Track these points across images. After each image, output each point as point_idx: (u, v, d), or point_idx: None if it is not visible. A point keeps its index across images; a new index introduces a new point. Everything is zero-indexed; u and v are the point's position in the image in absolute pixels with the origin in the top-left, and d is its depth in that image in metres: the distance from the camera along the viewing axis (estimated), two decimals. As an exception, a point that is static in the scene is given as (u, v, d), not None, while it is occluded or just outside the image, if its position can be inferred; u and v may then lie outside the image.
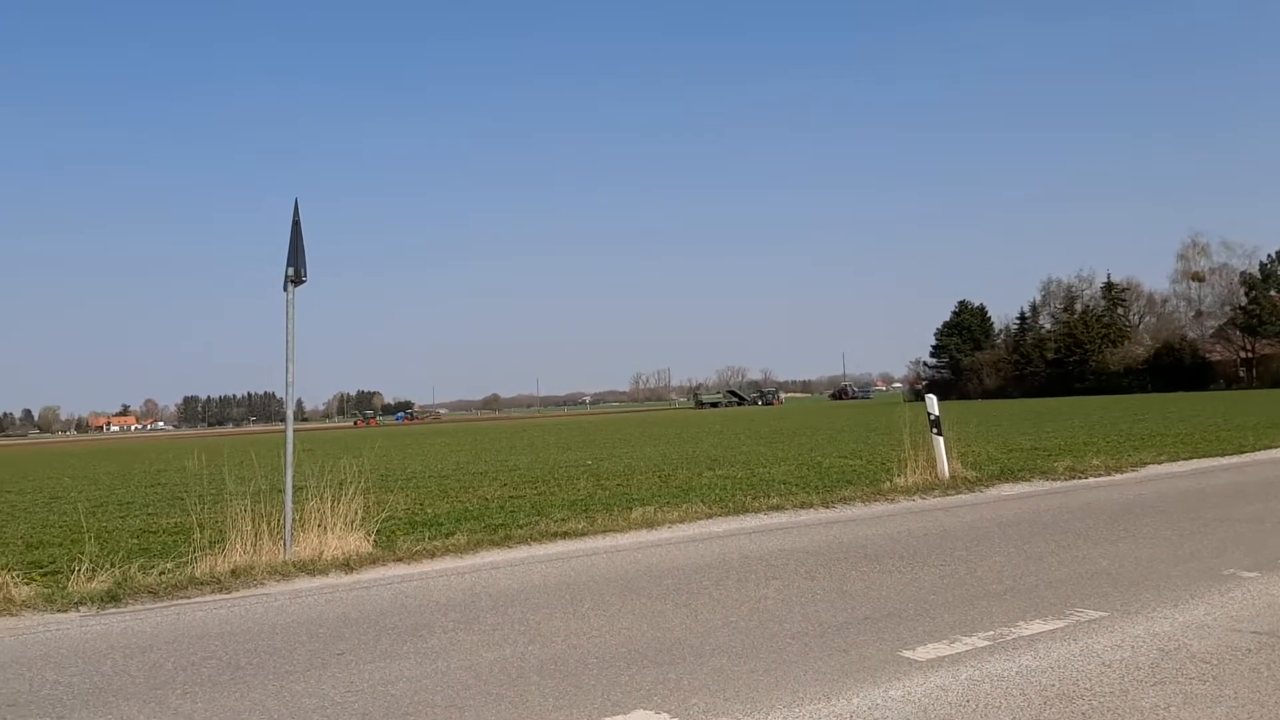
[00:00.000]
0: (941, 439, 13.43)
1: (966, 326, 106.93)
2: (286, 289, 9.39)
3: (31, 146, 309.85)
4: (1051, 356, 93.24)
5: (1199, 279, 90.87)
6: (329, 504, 9.42)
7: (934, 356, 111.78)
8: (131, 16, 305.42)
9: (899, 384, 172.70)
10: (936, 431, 13.44)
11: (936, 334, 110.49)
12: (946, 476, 13.15)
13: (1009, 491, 12.59)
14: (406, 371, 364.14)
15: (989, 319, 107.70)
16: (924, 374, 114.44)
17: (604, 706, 4.57)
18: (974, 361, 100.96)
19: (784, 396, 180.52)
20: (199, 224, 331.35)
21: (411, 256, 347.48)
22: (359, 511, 9.63)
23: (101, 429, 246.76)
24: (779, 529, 10.15)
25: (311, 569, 8.53)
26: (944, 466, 13.29)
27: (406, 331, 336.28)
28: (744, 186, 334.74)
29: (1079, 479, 13.64)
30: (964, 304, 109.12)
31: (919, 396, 42.32)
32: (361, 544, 9.31)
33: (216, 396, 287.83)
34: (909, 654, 5.21)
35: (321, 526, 9.32)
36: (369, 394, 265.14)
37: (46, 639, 6.55)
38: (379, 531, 9.84)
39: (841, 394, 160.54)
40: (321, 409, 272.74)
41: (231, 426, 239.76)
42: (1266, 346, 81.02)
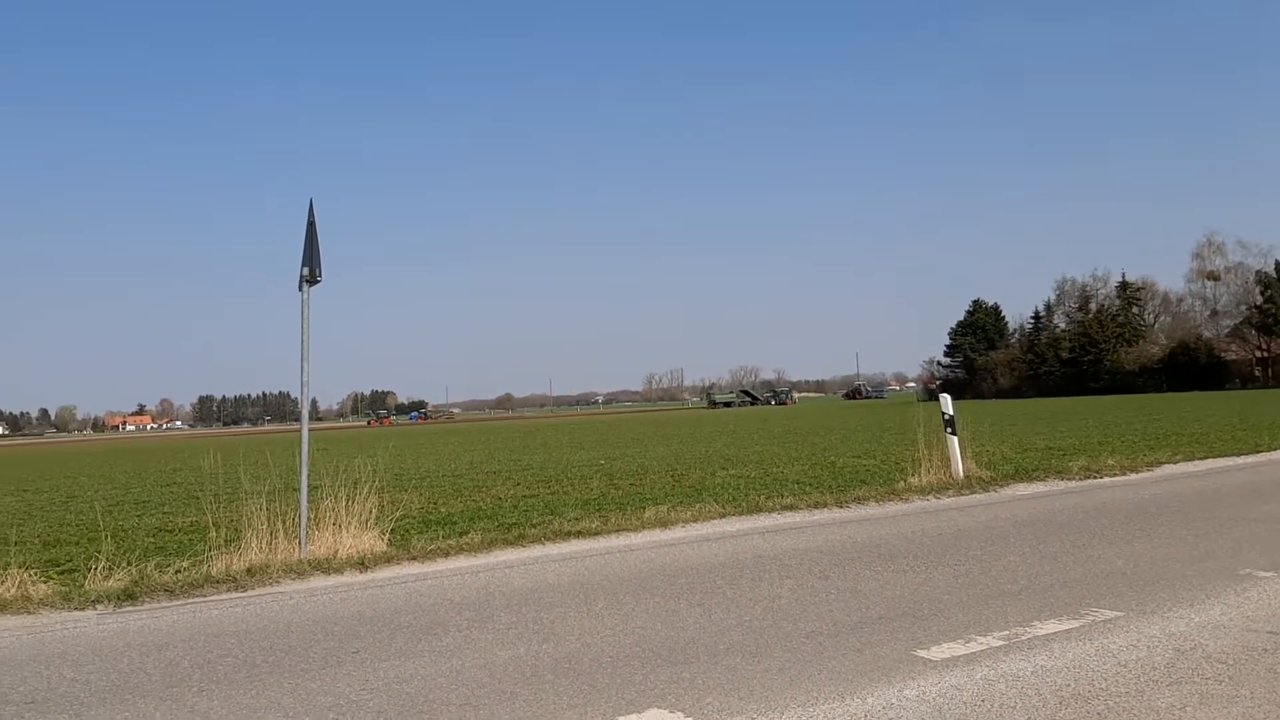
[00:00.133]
0: (956, 439, 13.39)
1: (981, 326, 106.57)
2: (301, 289, 9.42)
3: (42, 147, 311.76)
4: (1066, 356, 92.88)
5: (1214, 278, 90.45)
6: (344, 503, 9.45)
7: (948, 356, 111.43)
8: (131, 16, 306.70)
9: (913, 384, 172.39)
10: (951, 431, 13.41)
11: (950, 333, 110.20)
12: (961, 476, 13.12)
13: (1024, 491, 12.56)
14: (420, 371, 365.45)
15: (1003, 318, 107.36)
16: (938, 373, 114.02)
17: (618, 705, 4.58)
18: (988, 361, 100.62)
19: (797, 396, 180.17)
20: (211, 224, 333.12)
21: (425, 257, 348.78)
22: (373, 510, 9.65)
23: (117, 428, 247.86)
24: (793, 528, 10.14)
25: (326, 568, 8.56)
26: (958, 466, 13.26)
27: (420, 331, 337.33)
28: (756, 186, 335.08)
29: (1094, 479, 13.59)
30: (978, 303, 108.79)
31: (933, 396, 42.16)
32: (376, 543, 9.34)
33: (231, 396, 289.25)
34: (923, 653, 5.20)
35: (336, 525, 9.35)
36: (383, 394, 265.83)
37: (64, 637, 6.59)
38: (393, 530, 9.87)
39: (855, 394, 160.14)
40: (336, 408, 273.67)
41: (247, 426, 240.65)
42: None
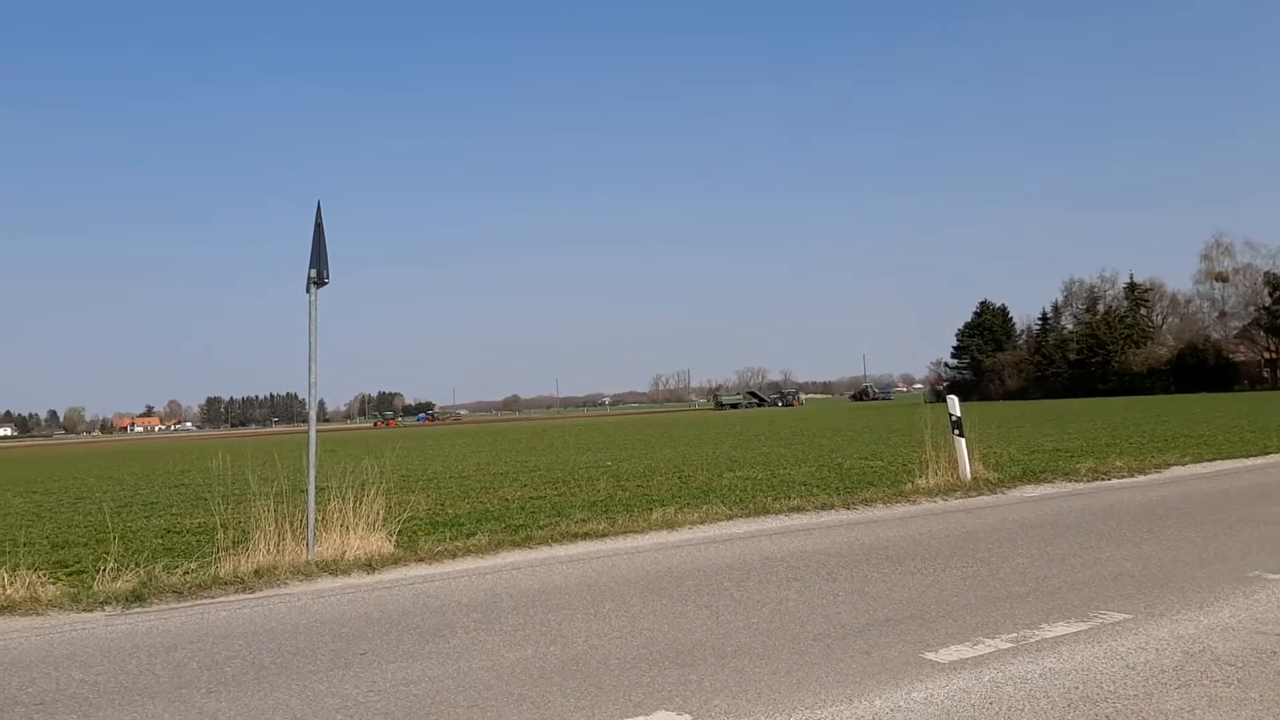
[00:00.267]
0: (963, 440, 13.37)
1: (988, 327, 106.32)
2: (309, 291, 9.43)
3: (45, 147, 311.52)
4: (1074, 357, 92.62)
5: (1223, 279, 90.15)
6: (351, 504, 9.46)
7: (955, 357, 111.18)
8: (132, 16, 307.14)
9: (920, 385, 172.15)
10: (958, 433, 13.39)
11: (958, 335, 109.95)
12: (968, 478, 13.10)
13: (1031, 493, 12.53)
14: (427, 373, 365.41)
15: (1010, 320, 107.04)
16: (945, 375, 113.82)
17: (625, 707, 4.58)
18: (995, 362, 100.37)
19: (804, 397, 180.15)
20: (218, 225, 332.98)
21: (431, 258, 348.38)
22: (381, 512, 9.67)
23: (125, 430, 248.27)
24: (800, 530, 10.13)
25: (334, 569, 8.58)
26: (966, 468, 13.24)
27: (427, 333, 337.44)
28: (762, 187, 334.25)
29: (1102, 480, 13.56)
30: (985, 304, 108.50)
31: (940, 397, 42.11)
32: (383, 544, 9.35)
33: (239, 397, 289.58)
34: (931, 656, 5.19)
35: (344, 527, 9.36)
36: (390, 395, 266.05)
37: (72, 638, 6.60)
38: (400, 532, 9.89)
39: (862, 395, 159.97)
40: (343, 410, 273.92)
41: (254, 427, 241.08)
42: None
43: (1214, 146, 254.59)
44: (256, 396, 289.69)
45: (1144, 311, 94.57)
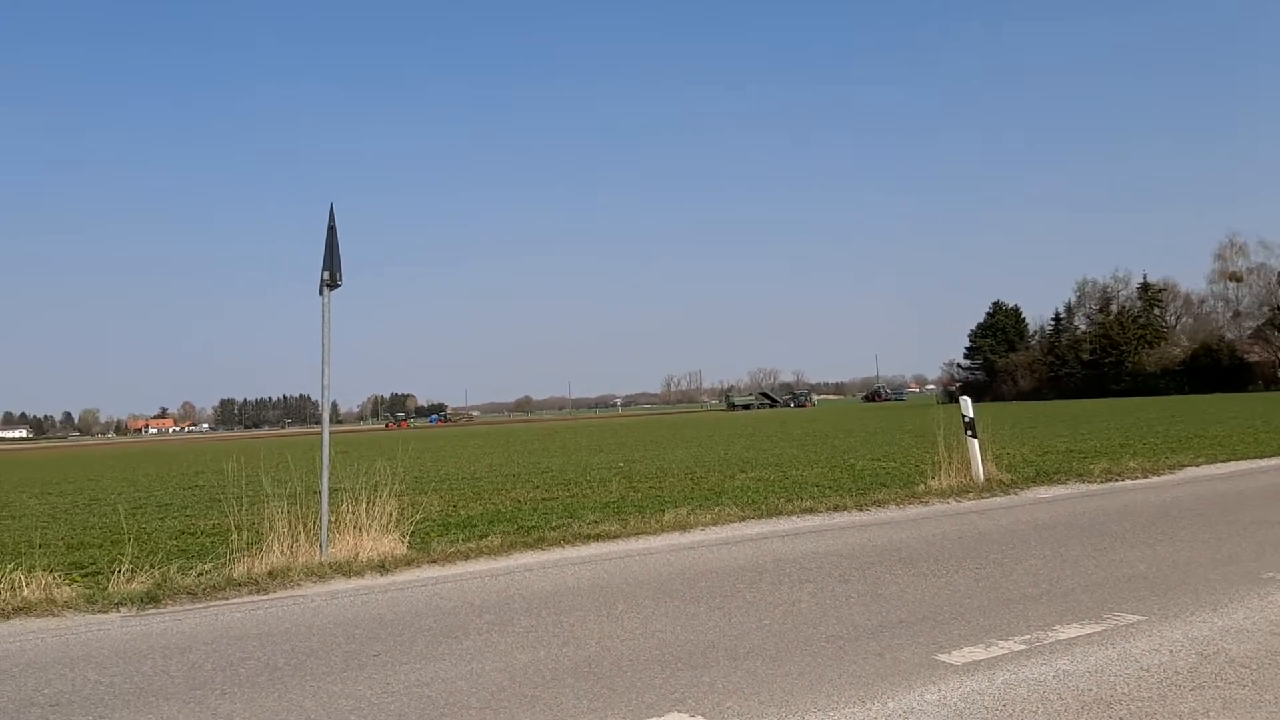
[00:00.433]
0: (976, 441, 13.34)
1: (1001, 328, 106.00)
2: (322, 293, 9.47)
3: (53, 148, 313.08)
4: (1087, 358, 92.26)
5: (1236, 279, 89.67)
6: (364, 506, 9.49)
7: (968, 358, 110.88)
8: (132, 18, 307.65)
9: (932, 386, 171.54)
10: (971, 434, 13.36)
11: (970, 335, 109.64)
12: (981, 479, 13.07)
13: (1045, 494, 12.50)
14: (439, 374, 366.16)
15: (1023, 320, 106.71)
16: (958, 376, 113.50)
17: (638, 709, 4.59)
18: (1008, 363, 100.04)
19: (816, 398, 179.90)
20: (228, 227, 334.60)
21: (443, 259, 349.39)
22: (393, 513, 9.69)
23: (140, 431, 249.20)
24: (812, 532, 10.12)
25: (347, 570, 8.60)
26: (978, 469, 13.21)
27: (440, 334, 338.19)
28: (773, 188, 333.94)
29: (1116, 481, 13.51)
30: (998, 305, 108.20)
31: (953, 398, 41.94)
32: (396, 546, 9.37)
33: (253, 399, 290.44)
34: (944, 658, 5.19)
35: (357, 528, 9.39)
36: (402, 396, 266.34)
37: (88, 639, 6.64)
38: (413, 533, 9.90)
39: (874, 396, 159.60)
40: (356, 411, 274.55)
41: (268, 428, 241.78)
42: (1306, 347, 79.88)
43: (1228, 146, 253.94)
44: (270, 398, 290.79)
45: (1157, 312, 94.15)
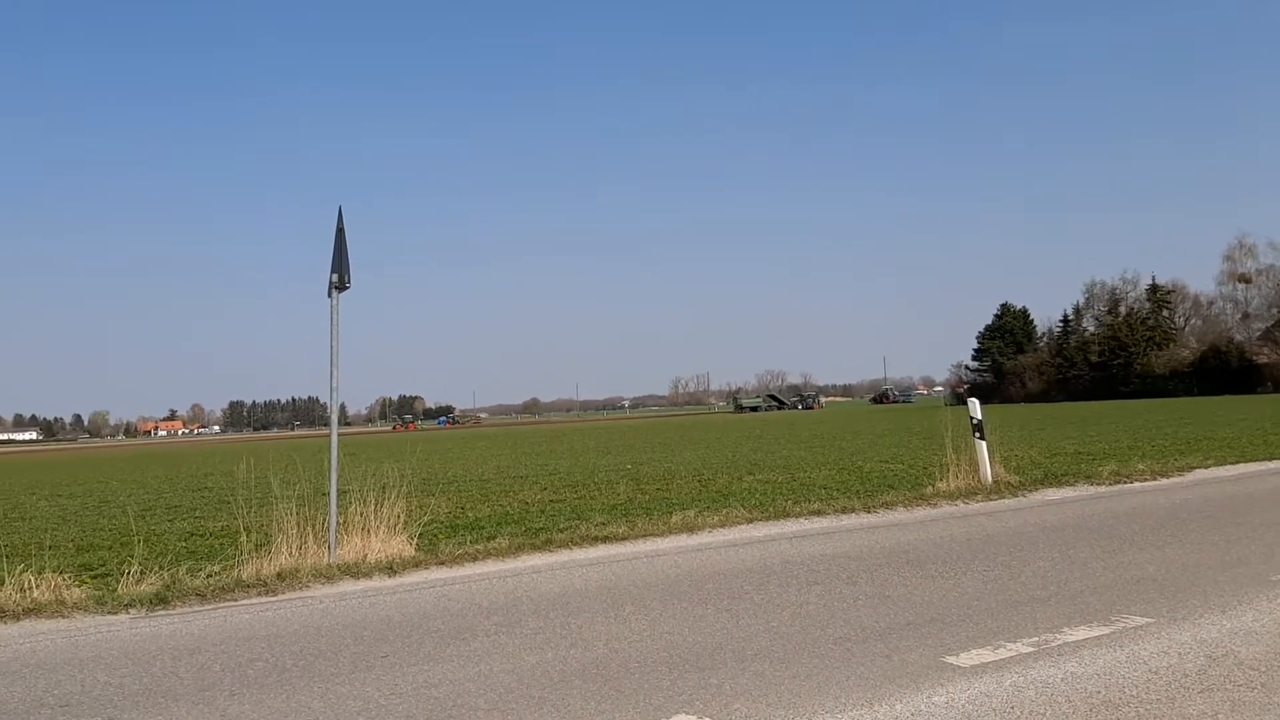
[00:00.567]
0: (984, 443, 13.32)
1: (1009, 329, 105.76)
2: (331, 295, 9.48)
3: (61, 150, 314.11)
4: (1095, 359, 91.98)
5: (1246, 280, 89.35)
6: (372, 507, 9.50)
7: (976, 360, 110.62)
8: (134, 19, 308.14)
9: (940, 388, 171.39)
10: (979, 435, 13.34)
11: (978, 337, 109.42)
12: (989, 481, 13.05)
13: (1053, 496, 12.48)
14: (447, 376, 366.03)
15: (1031, 322, 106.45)
16: (966, 377, 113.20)
17: (646, 711, 4.59)
18: (1016, 365, 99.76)
19: (824, 400, 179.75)
20: (239, 228, 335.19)
21: (452, 261, 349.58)
22: (401, 515, 9.71)
23: (149, 433, 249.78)
24: (820, 534, 10.12)
25: (355, 572, 8.62)
26: (987, 471, 13.19)
27: (448, 336, 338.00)
28: (781, 189, 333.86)
29: (1124, 483, 13.48)
30: (1006, 307, 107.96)
31: (961, 400, 41.91)
32: (404, 547, 9.38)
33: (261, 401, 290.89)
34: (952, 660, 5.18)
35: (365, 530, 9.41)
36: (410, 398, 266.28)
37: (97, 640, 6.66)
38: (421, 535, 9.91)
39: (882, 398, 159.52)
40: (364, 413, 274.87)
41: (276, 430, 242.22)
42: (1316, 349, 79.57)
43: (1236, 147, 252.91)
44: (278, 400, 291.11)
45: (1166, 313, 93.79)
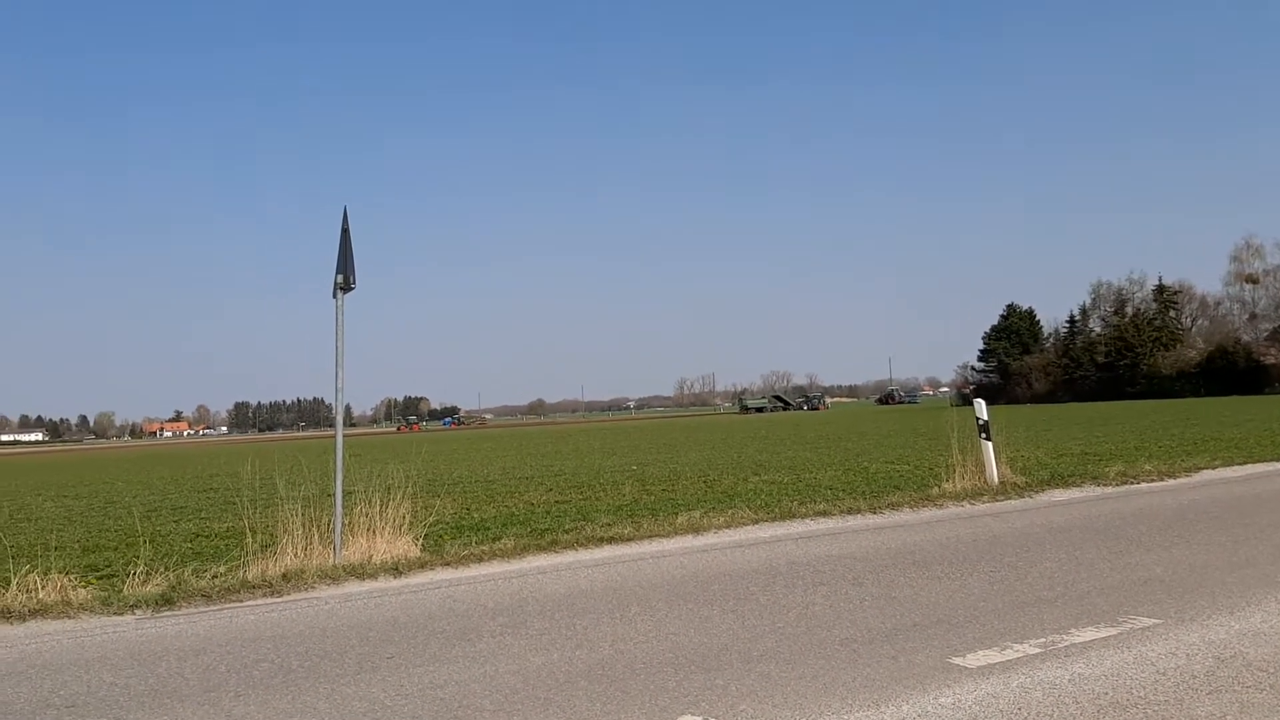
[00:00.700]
0: (990, 444, 13.30)
1: (1015, 330, 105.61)
2: (336, 296, 9.49)
3: (68, 151, 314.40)
4: (1102, 360, 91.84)
5: (1253, 281, 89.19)
6: (377, 508, 9.50)
7: (982, 360, 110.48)
8: (133, 19, 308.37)
9: (946, 388, 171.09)
10: (985, 436, 13.31)
11: (984, 338, 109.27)
12: (995, 482, 13.02)
13: (1059, 497, 12.45)
14: (452, 377, 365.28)
15: (1038, 322, 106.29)
16: (971, 378, 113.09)
17: (652, 712, 4.58)
18: (1022, 365, 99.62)
19: (830, 401, 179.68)
20: (245, 229, 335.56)
21: (457, 261, 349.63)
22: (407, 516, 9.71)
23: (155, 434, 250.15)
24: (826, 535, 10.10)
25: (361, 573, 8.61)
26: (993, 472, 13.16)
27: (453, 337, 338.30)
28: (790, 192, 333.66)
29: (1131, 484, 13.45)
30: (1012, 307, 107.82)
31: (966, 401, 41.78)
32: (410, 548, 9.38)
33: (267, 402, 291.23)
34: (959, 661, 5.17)
35: (370, 531, 9.41)
36: (415, 399, 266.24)
37: (103, 641, 6.67)
38: (426, 536, 9.92)
39: (888, 399, 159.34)
40: (369, 414, 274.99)
41: (282, 431, 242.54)
42: (1323, 349, 79.36)
43: (1248, 147, 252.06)
44: (284, 401, 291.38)
45: (1173, 314, 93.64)
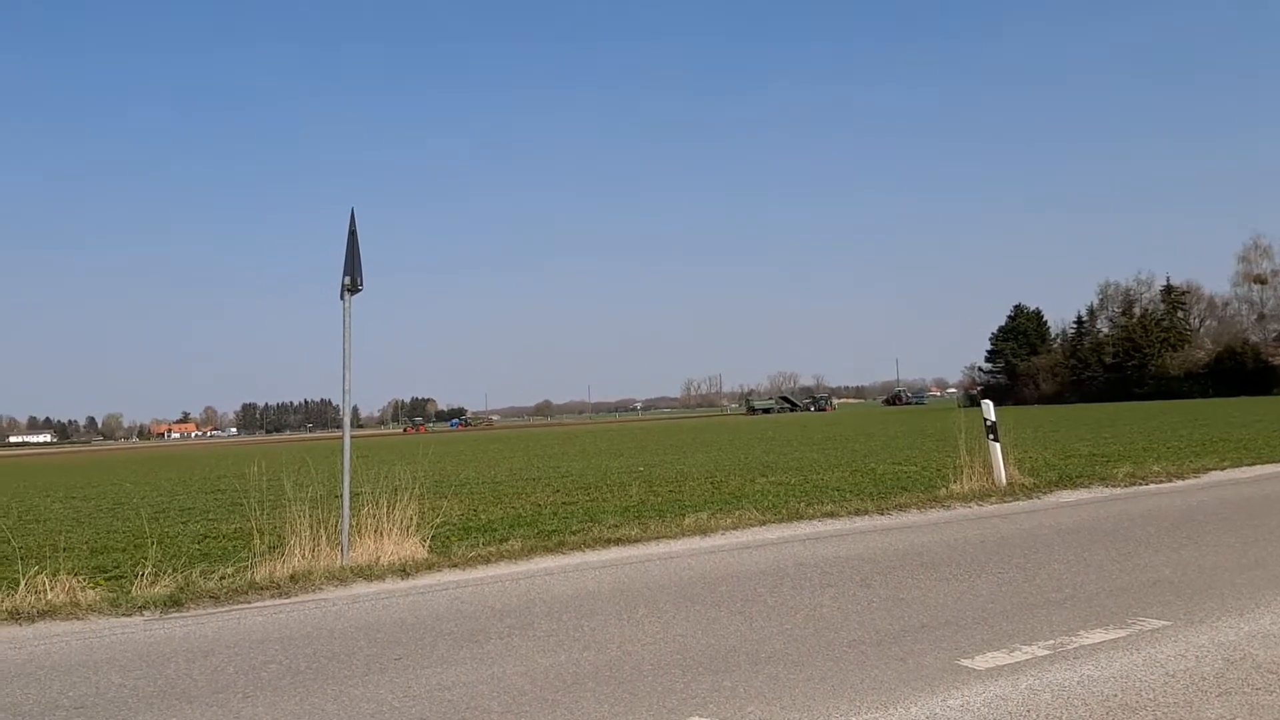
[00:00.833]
0: (998, 445, 13.27)
1: (1022, 331, 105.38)
2: (343, 298, 9.50)
3: (73, 152, 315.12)
4: (1109, 361, 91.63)
5: (1261, 281, 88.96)
6: (384, 510, 9.51)
7: (989, 361, 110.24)
8: (133, 19, 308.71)
9: (953, 389, 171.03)
10: (993, 437, 13.29)
11: (992, 339, 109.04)
12: (1003, 483, 12.99)
13: (1068, 498, 12.42)
14: (460, 378, 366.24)
15: (1045, 323, 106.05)
16: (979, 379, 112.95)
17: (659, 714, 4.57)
18: (1030, 366, 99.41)
19: (837, 402, 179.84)
20: (251, 231, 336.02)
21: (464, 263, 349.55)
22: (414, 517, 9.71)
23: (163, 436, 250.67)
24: (834, 536, 10.09)
25: (368, 574, 8.62)
26: (1001, 473, 13.13)
27: (460, 338, 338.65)
28: (795, 192, 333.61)
29: (1139, 485, 13.41)
30: (1020, 308, 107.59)
31: (974, 402, 41.77)
32: (417, 549, 9.39)
33: (274, 404, 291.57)
34: (967, 663, 5.15)
35: (378, 532, 9.42)
36: (423, 400, 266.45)
37: (112, 642, 6.68)
38: (434, 537, 9.92)
39: (895, 400, 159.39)
40: (377, 415, 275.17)
41: (289, 433, 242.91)
42: (1332, 350, 79.13)
43: (1256, 147, 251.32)
44: (291, 402, 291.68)
45: (1181, 314, 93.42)
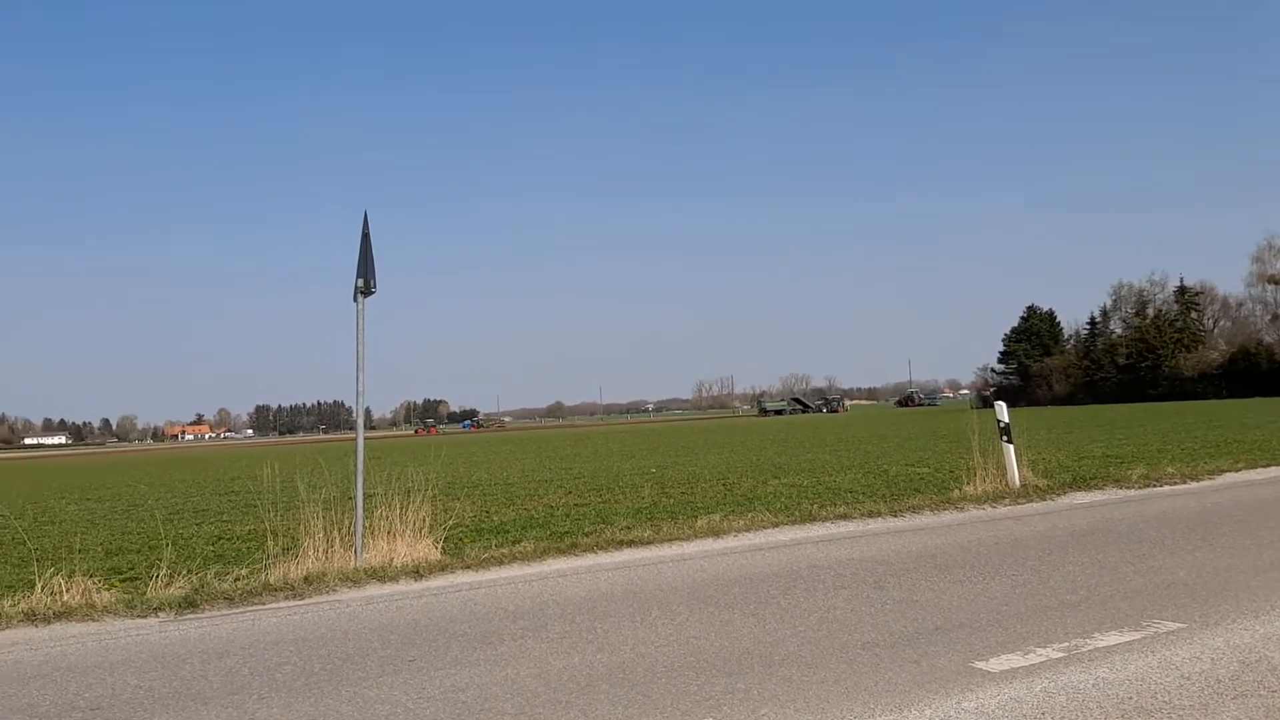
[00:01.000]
0: (1011, 446, 13.23)
1: (1035, 332, 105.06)
2: (356, 300, 9.52)
3: (76, 153, 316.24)
4: (1123, 362, 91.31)
5: (1275, 282, 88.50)
6: (398, 511, 9.54)
7: (1002, 362, 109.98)
8: (133, 19, 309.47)
9: (966, 391, 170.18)
10: (1006, 439, 13.26)
11: (1005, 340, 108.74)
12: (1017, 485, 12.96)
13: (1081, 500, 12.38)
14: (472, 379, 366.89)
15: (1058, 324, 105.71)
16: (992, 380, 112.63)
17: (673, 716, 4.58)
18: (1043, 367, 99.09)
19: (849, 404, 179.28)
20: (261, 233, 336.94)
21: (476, 264, 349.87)
22: (427, 519, 9.74)
23: (177, 438, 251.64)
24: (846, 538, 10.07)
25: (382, 576, 8.64)
26: (1014, 474, 13.10)
27: (472, 340, 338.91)
28: (806, 193, 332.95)
29: (1154, 487, 13.36)
30: (1033, 309, 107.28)
31: (987, 403, 41.65)
32: (430, 551, 9.41)
33: (287, 405, 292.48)
34: (981, 665, 5.14)
35: (391, 534, 9.44)
36: (435, 402, 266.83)
37: (127, 644, 6.71)
38: (447, 539, 9.94)
39: (907, 401, 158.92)
40: (389, 417, 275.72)
41: (302, 434, 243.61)
42: (1348, 350, 78.66)
43: (1259, 147, 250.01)
44: (304, 404, 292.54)
45: (1194, 315, 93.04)
